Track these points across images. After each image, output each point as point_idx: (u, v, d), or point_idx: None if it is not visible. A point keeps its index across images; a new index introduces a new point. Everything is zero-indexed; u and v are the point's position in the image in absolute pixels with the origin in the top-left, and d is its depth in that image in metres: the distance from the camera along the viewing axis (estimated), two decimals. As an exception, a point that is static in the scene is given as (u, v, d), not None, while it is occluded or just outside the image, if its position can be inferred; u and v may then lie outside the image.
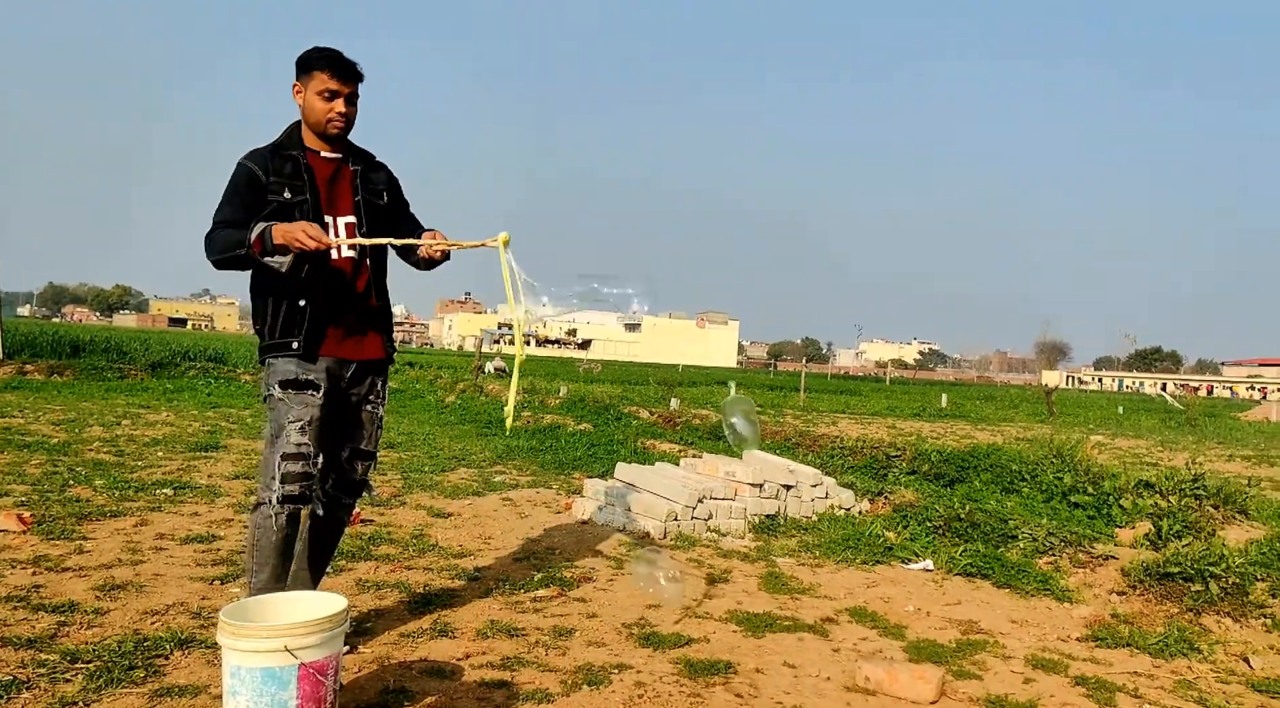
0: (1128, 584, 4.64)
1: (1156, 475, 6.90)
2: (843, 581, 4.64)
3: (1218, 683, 3.42)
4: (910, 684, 3.03)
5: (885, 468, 8.08)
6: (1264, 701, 3.26)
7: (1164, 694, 3.25)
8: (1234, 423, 25.71)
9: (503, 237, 2.75)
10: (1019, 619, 4.16)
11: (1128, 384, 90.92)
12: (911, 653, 3.53)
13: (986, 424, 18.04)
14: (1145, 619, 4.18)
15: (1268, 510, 6.83)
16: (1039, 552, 5.21)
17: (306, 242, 2.72)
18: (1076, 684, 3.29)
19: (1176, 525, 5.56)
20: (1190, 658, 3.69)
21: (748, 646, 3.47)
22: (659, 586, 3.62)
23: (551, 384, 17.00)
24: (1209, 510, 6.07)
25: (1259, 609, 4.12)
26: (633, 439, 9.69)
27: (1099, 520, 6.28)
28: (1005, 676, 3.34)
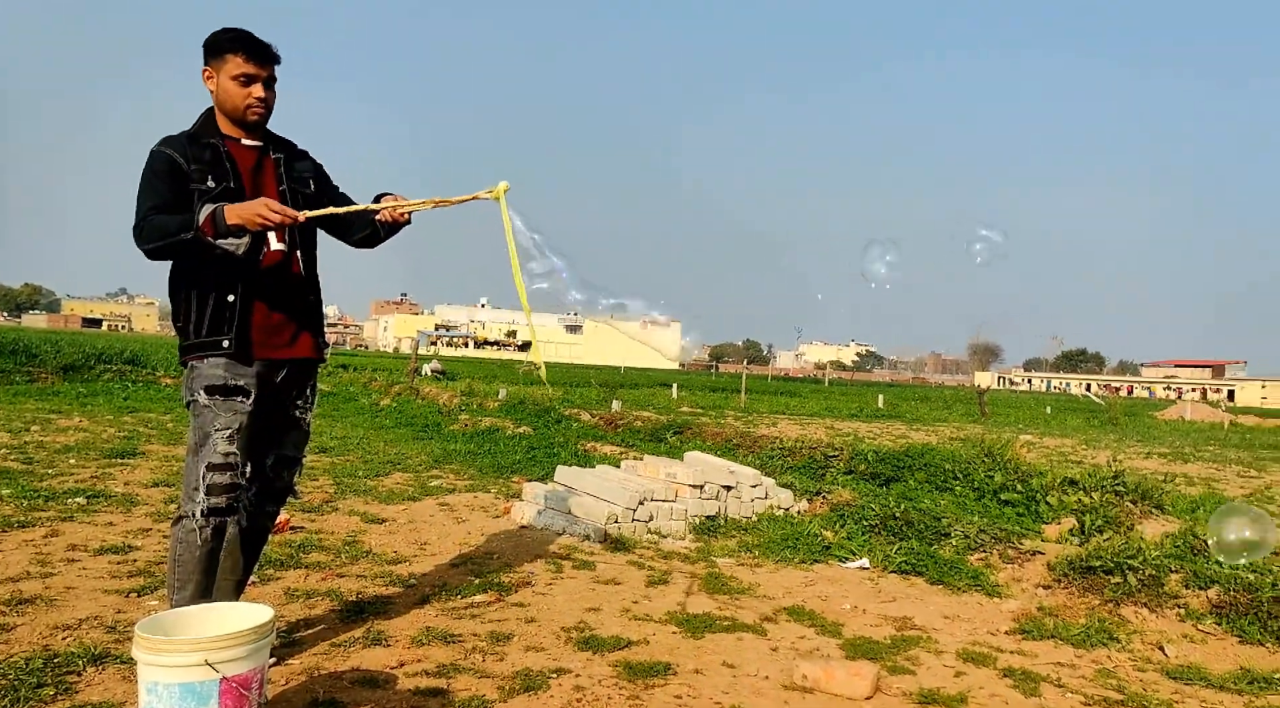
0: (1053, 578, 4.82)
1: (1081, 473, 7.18)
2: (781, 580, 4.71)
3: (1135, 672, 3.57)
4: (846, 681, 3.09)
5: (823, 468, 8.22)
6: (1177, 687, 3.41)
7: (1085, 683, 3.38)
8: (1152, 422, 26.91)
9: (501, 186, 2.56)
10: (951, 615, 4.27)
11: (1055, 385, 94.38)
12: (848, 650, 3.59)
13: (921, 424, 18.51)
14: (1069, 612, 4.34)
15: (1181, 505, 7.17)
16: (971, 549, 5.37)
17: (271, 217, 2.59)
18: (1004, 676, 3.39)
19: (1098, 521, 5.79)
20: (1110, 648, 3.84)
21: (687, 647, 3.49)
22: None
23: (490, 387, 16.83)
24: (1128, 506, 6.34)
25: (1173, 600, 4.31)
26: (573, 442, 9.66)
27: (1027, 517, 6.51)
28: (937, 670, 3.43)
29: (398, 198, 2.85)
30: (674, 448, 9.53)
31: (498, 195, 2.57)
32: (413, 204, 2.80)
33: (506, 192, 2.56)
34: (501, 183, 2.57)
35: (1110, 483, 6.65)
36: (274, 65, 2.84)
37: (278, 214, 2.61)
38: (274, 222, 2.61)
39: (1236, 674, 3.54)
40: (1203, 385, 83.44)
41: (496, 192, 2.57)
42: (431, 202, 2.73)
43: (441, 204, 2.70)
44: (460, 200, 2.64)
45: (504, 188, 2.56)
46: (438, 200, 2.71)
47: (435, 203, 2.72)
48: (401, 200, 2.84)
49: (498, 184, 2.57)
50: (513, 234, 2.58)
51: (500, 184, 2.57)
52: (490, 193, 2.57)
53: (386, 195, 2.87)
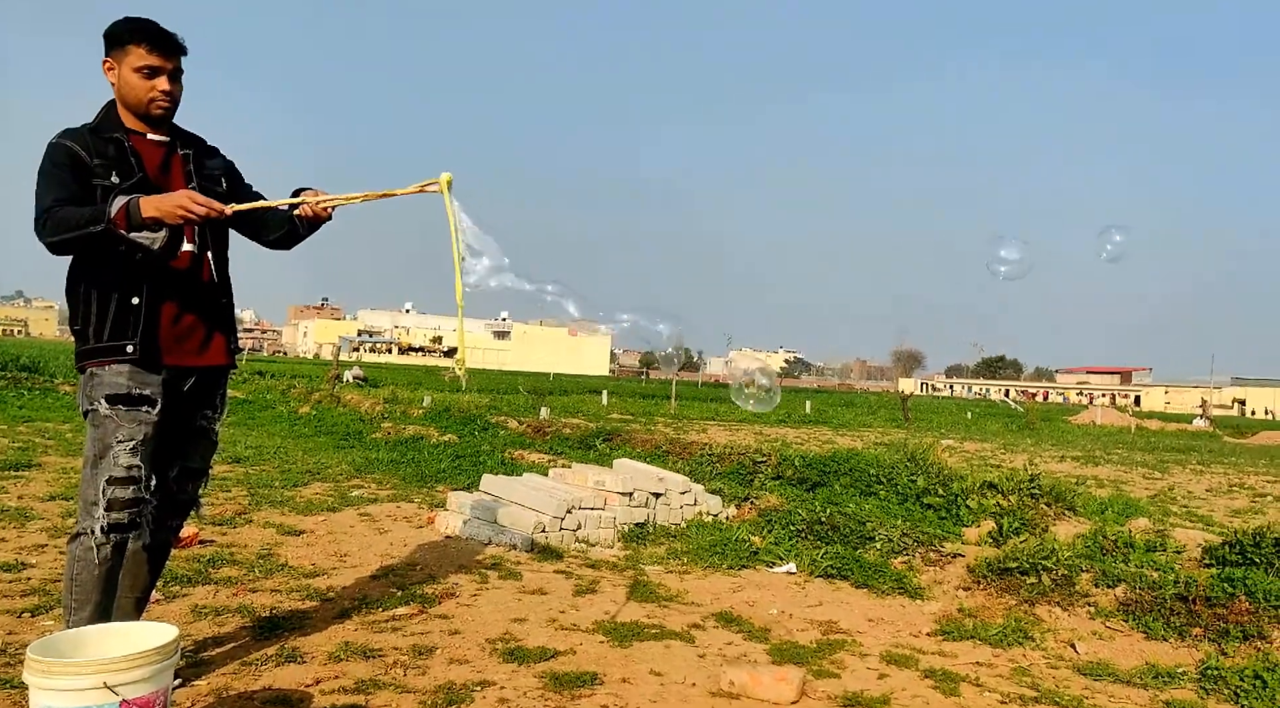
0: (972, 580, 4.98)
1: (999, 477, 7.45)
2: (709, 586, 4.74)
3: (1048, 669, 3.72)
4: (772, 686, 3.13)
5: (752, 474, 8.33)
6: (1088, 683, 3.57)
7: (1002, 682, 3.50)
8: (1066, 426, 28.16)
9: (445, 177, 2.45)
10: (875, 618, 4.37)
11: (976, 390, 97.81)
12: (774, 655, 3.64)
13: (847, 430, 18.94)
14: (987, 612, 4.50)
15: (1092, 506, 7.52)
16: (894, 552, 5.51)
17: (195, 210, 2.46)
18: (926, 677, 3.49)
19: (1015, 523, 6.02)
20: (1025, 646, 3.99)
21: (615, 656, 3.48)
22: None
23: (415, 394, 16.53)
24: (1043, 508, 6.61)
25: (1084, 598, 4.51)
26: (500, 450, 9.56)
27: (948, 520, 6.72)
28: (861, 673, 3.51)
29: (319, 193, 2.75)
30: (603, 455, 9.53)
31: (442, 187, 2.48)
32: (346, 198, 2.68)
33: (451, 183, 2.48)
34: (445, 174, 2.49)
35: (1026, 486, 6.92)
36: (180, 57, 2.71)
37: (202, 206, 2.49)
38: (198, 215, 2.50)
39: (1142, 669, 3.72)
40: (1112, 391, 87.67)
41: (440, 183, 2.48)
42: (370, 195, 2.60)
43: (382, 196, 2.58)
44: (401, 193, 2.54)
45: (447, 179, 2.48)
46: (376, 193, 2.59)
47: (374, 196, 2.59)
48: (324, 194, 2.74)
49: (440, 175, 2.49)
50: (456, 228, 2.50)
51: (444, 175, 2.49)
52: (434, 184, 2.49)
53: (306, 190, 2.76)
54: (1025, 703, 3.28)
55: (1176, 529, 6.13)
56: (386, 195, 2.59)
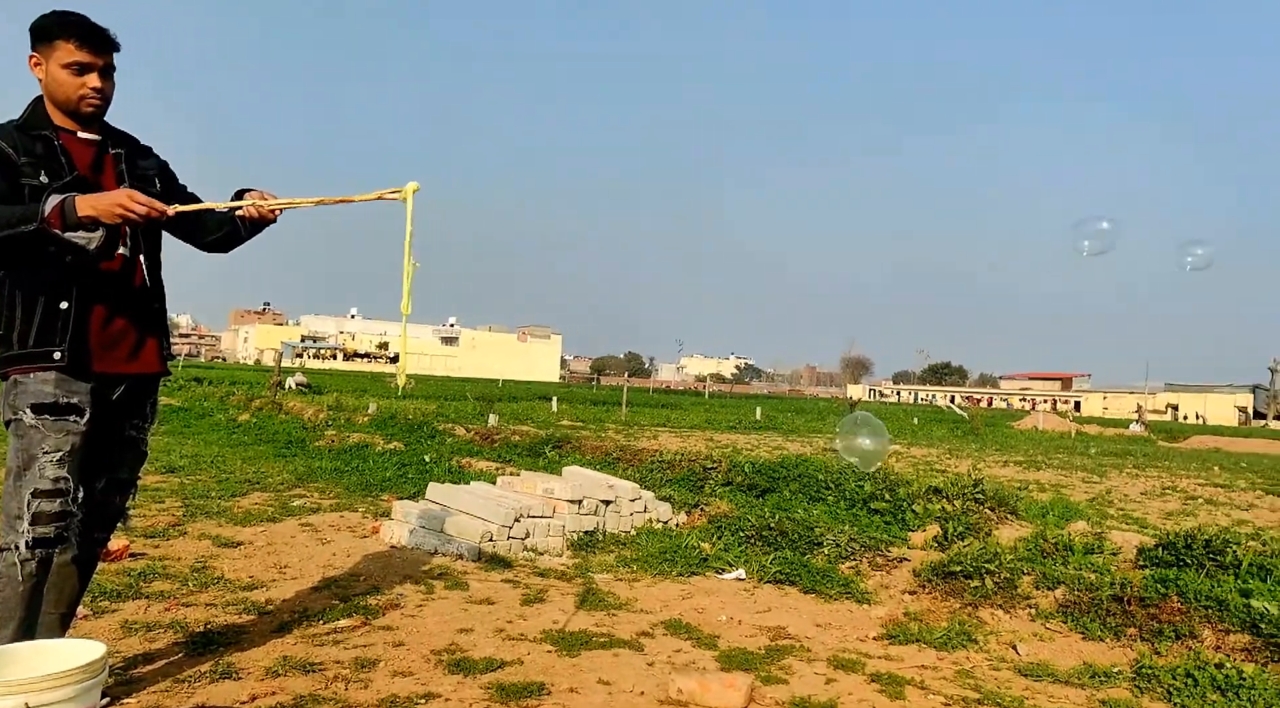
0: (918, 584, 5.08)
1: (944, 482, 7.62)
2: (659, 594, 4.75)
3: (991, 670, 3.81)
4: (721, 693, 3.15)
5: (702, 480, 8.37)
6: (1028, 684, 3.66)
7: (946, 684, 3.57)
8: (1009, 431, 28.88)
9: (410, 186, 2.40)
10: (823, 623, 4.43)
11: (922, 396, 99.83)
12: (723, 662, 3.66)
13: (797, 435, 19.16)
14: (932, 616, 4.59)
15: (1034, 511, 7.72)
16: (842, 557, 5.59)
17: (135, 209, 2.38)
18: (872, 681, 3.54)
19: (959, 527, 6.15)
20: (969, 649, 4.08)
21: (563, 665, 3.47)
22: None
23: (360, 401, 16.25)
24: (986, 513, 6.78)
25: (1025, 601, 4.63)
26: (447, 458, 9.45)
27: (895, 525, 6.84)
28: (809, 678, 3.55)
29: (265, 195, 2.69)
30: (552, 463, 9.48)
31: (406, 196, 2.44)
32: (297, 202, 2.64)
33: (417, 193, 2.44)
34: (411, 183, 2.44)
35: (971, 491, 7.09)
36: (112, 53, 2.63)
37: (143, 206, 2.41)
38: (139, 214, 2.42)
39: (1080, 669, 3.83)
40: (1053, 397, 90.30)
41: (405, 192, 2.44)
42: (324, 200, 2.54)
43: (338, 202, 2.52)
44: (360, 199, 2.49)
45: (413, 188, 2.43)
46: (332, 198, 2.53)
47: (330, 201, 2.54)
48: (270, 196, 2.68)
49: (406, 184, 2.45)
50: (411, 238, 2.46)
51: (410, 184, 2.44)
52: (398, 193, 2.44)
53: (250, 191, 2.71)
54: (968, 705, 3.35)
55: (1113, 532, 6.32)
56: (343, 201, 2.54)
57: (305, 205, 2.62)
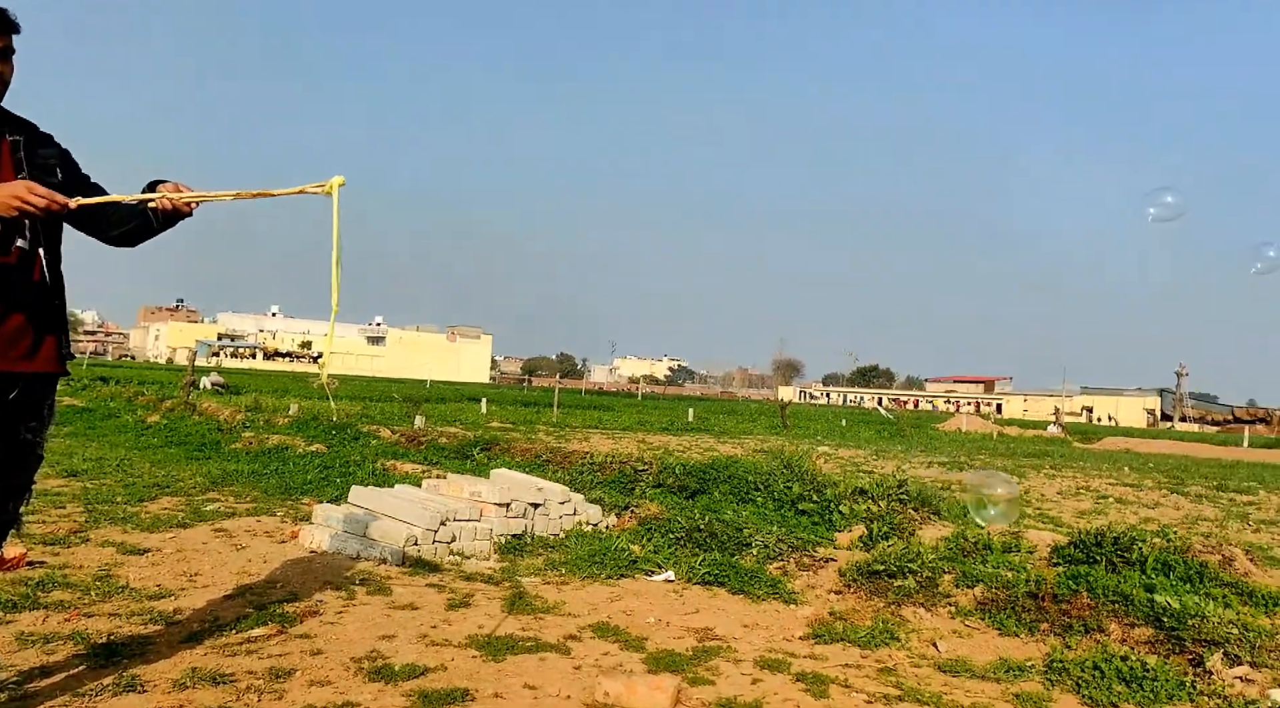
0: (843, 584, 5.20)
1: (870, 483, 7.80)
2: (587, 597, 4.75)
3: (912, 668, 3.92)
4: (647, 696, 3.16)
5: (633, 482, 8.39)
6: (947, 680, 3.78)
7: (869, 682, 3.67)
8: (934, 433, 29.76)
9: (336, 181, 2.36)
10: (750, 623, 4.49)
11: (851, 398, 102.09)
12: (650, 664, 3.68)
13: (728, 437, 19.37)
14: (857, 615, 4.70)
15: (955, 510, 7.97)
16: (770, 558, 5.68)
17: (33, 201, 2.27)
18: (797, 681, 3.61)
19: (884, 527, 6.31)
20: (891, 647, 4.19)
21: (488, 670, 3.44)
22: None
23: (281, 401, 15.80)
24: (910, 513, 6.97)
25: (946, 598, 4.78)
26: (372, 460, 9.26)
27: (822, 526, 6.98)
28: (736, 678, 3.59)
29: (180, 187, 2.59)
30: (481, 465, 9.38)
31: (330, 190, 2.38)
32: (215, 195, 2.55)
33: (341, 187, 2.39)
34: (336, 177, 2.40)
35: (895, 492, 7.28)
36: (11, 35, 2.51)
37: (42, 199, 2.30)
38: (37, 207, 2.31)
39: (996, 664, 3.98)
40: (977, 399, 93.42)
41: (329, 186, 2.39)
42: (243, 193, 2.46)
43: (258, 196, 2.46)
44: (281, 193, 2.43)
45: (339, 182, 2.39)
46: (251, 192, 2.46)
47: (248, 195, 2.46)
48: (185, 188, 2.59)
49: (331, 177, 2.40)
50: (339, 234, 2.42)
51: (335, 178, 2.39)
52: (321, 186, 2.39)
53: (164, 183, 2.60)
54: (890, 702, 3.45)
55: (1030, 531, 6.57)
56: (263, 195, 2.48)
57: (223, 199, 2.54)
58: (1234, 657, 3.64)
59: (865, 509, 6.95)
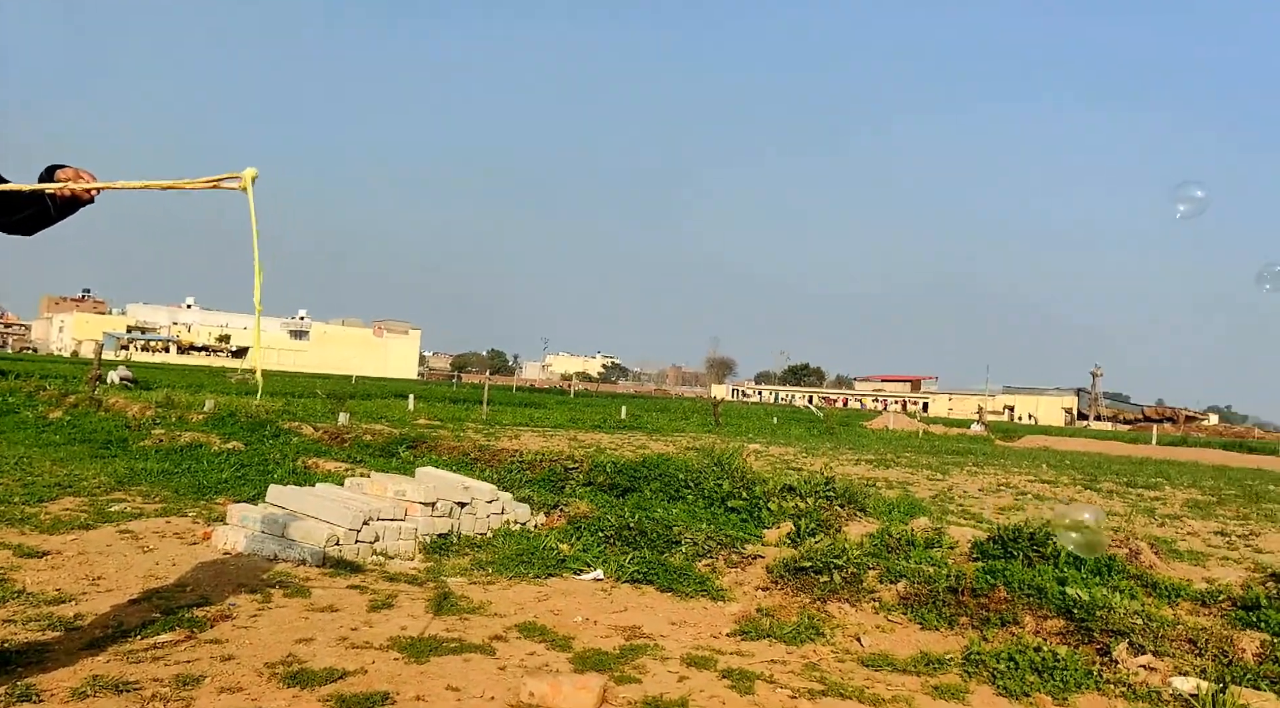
0: (771, 580, 5.28)
1: (798, 480, 7.94)
2: (514, 596, 4.72)
3: (836, 663, 4.01)
4: (573, 695, 3.16)
5: (563, 480, 8.37)
6: (869, 674, 3.88)
7: (794, 678, 3.73)
8: (862, 431, 30.46)
9: (248, 173, 2.30)
10: (678, 621, 4.53)
11: (782, 396, 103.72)
12: (577, 664, 3.68)
13: (661, 434, 19.48)
14: (784, 611, 4.78)
15: (881, 507, 8.18)
16: (699, 555, 5.73)
17: None
18: (724, 677, 3.65)
19: (812, 524, 6.44)
20: (816, 642, 4.28)
21: (410, 673, 3.39)
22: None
23: (196, 397, 15.25)
24: (837, 510, 7.11)
25: (870, 594, 4.90)
26: (292, 458, 9.02)
27: (750, 523, 7.07)
28: (662, 676, 3.62)
29: (81, 174, 2.48)
30: (407, 463, 9.23)
31: (245, 184, 2.32)
32: (125, 184, 2.43)
33: (255, 180, 2.34)
34: (249, 169, 2.34)
35: (823, 489, 7.42)
36: None
37: None
38: None
39: (917, 658, 4.09)
40: (904, 398, 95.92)
41: (244, 179, 2.32)
42: (151, 184, 2.39)
43: (168, 187, 2.38)
44: (191, 186, 2.36)
45: (252, 175, 2.33)
46: (160, 183, 2.39)
47: (157, 186, 2.38)
48: (87, 175, 2.47)
49: (244, 170, 2.34)
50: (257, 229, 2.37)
51: (248, 170, 2.34)
52: (235, 179, 2.32)
53: (63, 168, 2.48)
54: (814, 697, 3.52)
55: (952, 527, 6.79)
56: (173, 187, 2.40)
57: (129, 188, 2.45)
58: (1138, 646, 3.83)
59: (793, 506, 7.07)
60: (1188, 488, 13.72)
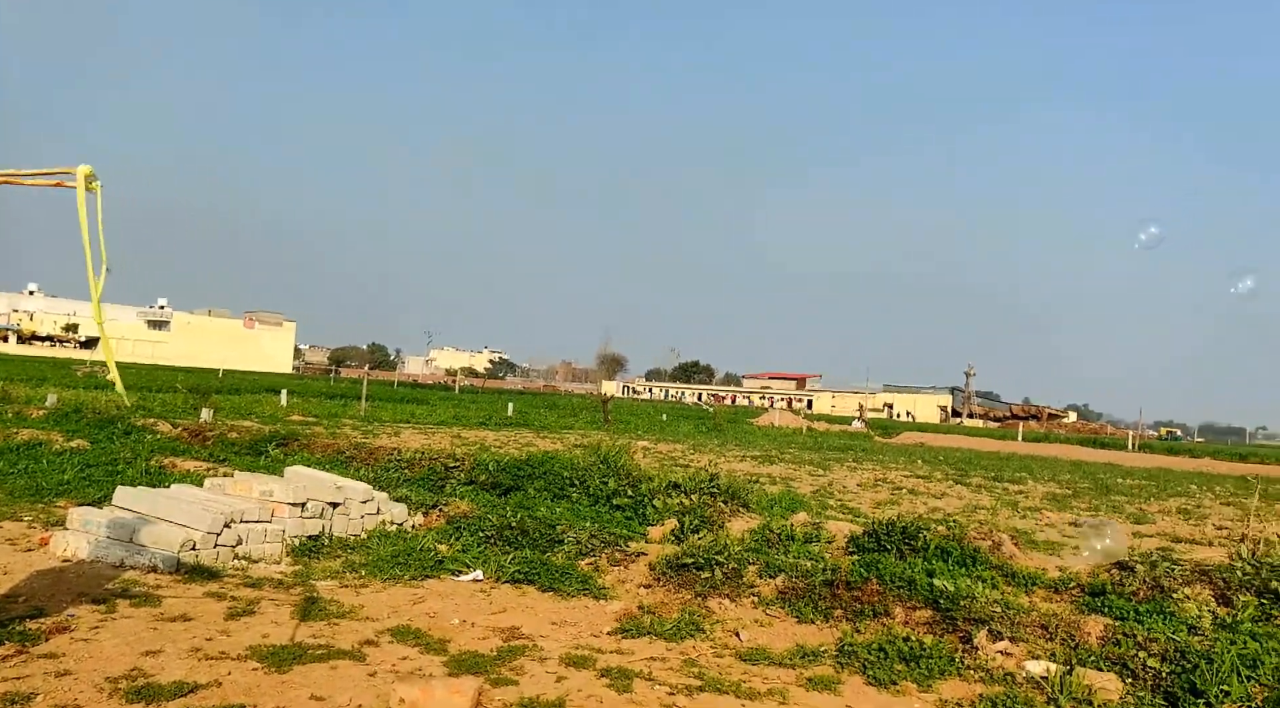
0: (654, 577, 5.34)
1: (684, 477, 8.05)
2: (388, 599, 4.60)
3: (714, 658, 4.09)
4: (446, 700, 3.10)
5: (444, 479, 8.21)
6: (747, 668, 3.97)
7: (672, 674, 3.78)
8: (749, 428, 31.21)
9: (82, 170, 2.25)
10: (559, 620, 4.52)
11: (672, 393, 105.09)
12: (452, 667, 3.62)
13: (549, 432, 19.40)
14: (665, 608, 4.84)
15: (764, 502, 8.39)
16: (582, 554, 5.74)
17: None
18: (603, 676, 3.67)
19: (695, 521, 6.54)
20: (696, 638, 4.35)
21: (270, 683, 3.25)
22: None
23: (37, 391, 14.17)
24: (721, 506, 7.26)
25: (750, 589, 5.02)
26: (146, 458, 8.50)
27: (636, 521, 7.13)
28: (540, 677, 3.60)
29: None
30: (276, 462, 8.86)
31: (79, 182, 2.27)
32: None
33: (90, 177, 2.29)
34: (83, 166, 2.30)
35: (707, 486, 7.56)
36: None
37: None
38: None
39: (793, 651, 4.22)
40: (790, 396, 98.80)
41: (78, 176, 2.27)
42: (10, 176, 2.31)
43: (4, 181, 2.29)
44: (25, 177, 2.29)
45: (86, 172, 2.29)
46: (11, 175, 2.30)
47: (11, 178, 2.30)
48: None
49: (78, 166, 2.29)
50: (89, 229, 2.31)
51: (81, 167, 2.29)
52: (68, 176, 2.27)
53: None
54: (691, 693, 3.57)
55: (831, 521, 7.03)
56: (8, 181, 2.28)
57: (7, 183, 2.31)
58: (997, 633, 4.07)
59: (678, 503, 7.17)
60: (1048, 482, 14.69)
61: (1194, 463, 27.19)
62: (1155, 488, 15.02)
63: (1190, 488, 15.51)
